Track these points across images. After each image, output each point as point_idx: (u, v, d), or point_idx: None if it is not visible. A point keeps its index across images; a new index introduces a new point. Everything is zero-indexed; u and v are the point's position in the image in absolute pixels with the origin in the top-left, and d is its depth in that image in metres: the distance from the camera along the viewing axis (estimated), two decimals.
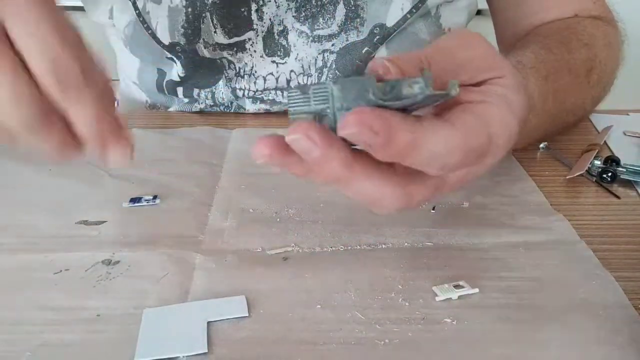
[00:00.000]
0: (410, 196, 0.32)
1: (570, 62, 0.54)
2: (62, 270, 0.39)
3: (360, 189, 0.31)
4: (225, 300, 0.36)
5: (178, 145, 0.56)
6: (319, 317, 0.35)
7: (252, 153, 0.30)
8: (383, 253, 0.40)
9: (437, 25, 0.67)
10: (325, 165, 0.30)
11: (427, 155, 0.29)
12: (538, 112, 0.47)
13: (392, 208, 0.32)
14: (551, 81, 0.49)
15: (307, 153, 0.29)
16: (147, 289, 0.37)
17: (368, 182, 0.31)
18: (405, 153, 0.29)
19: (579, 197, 0.49)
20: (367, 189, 0.31)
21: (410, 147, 0.29)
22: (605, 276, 0.38)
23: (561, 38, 0.57)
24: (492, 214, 0.45)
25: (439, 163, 0.30)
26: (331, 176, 0.30)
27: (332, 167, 0.30)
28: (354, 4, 0.61)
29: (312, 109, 0.30)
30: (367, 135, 0.28)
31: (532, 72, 0.48)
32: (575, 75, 0.54)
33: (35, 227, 0.43)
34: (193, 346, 0.32)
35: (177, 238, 0.42)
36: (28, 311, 0.35)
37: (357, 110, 0.28)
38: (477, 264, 0.39)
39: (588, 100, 0.58)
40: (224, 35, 0.62)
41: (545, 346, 0.33)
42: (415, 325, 0.34)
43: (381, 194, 0.31)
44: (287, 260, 0.40)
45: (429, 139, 0.29)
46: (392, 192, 0.32)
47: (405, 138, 0.28)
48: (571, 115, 0.56)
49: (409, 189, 0.32)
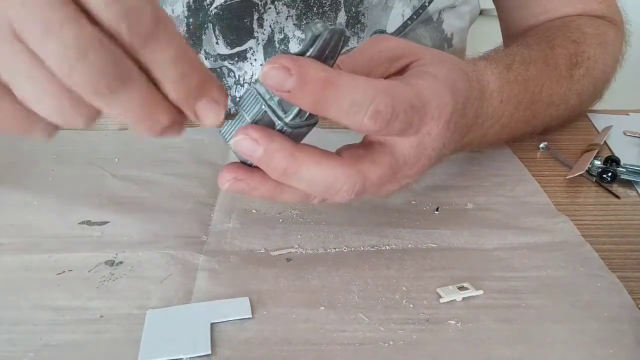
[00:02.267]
0: (363, 174, 0.33)
1: (549, 56, 0.54)
2: (65, 270, 0.39)
3: (312, 177, 0.32)
4: (229, 302, 0.36)
5: (181, 146, 0.56)
6: (323, 318, 0.35)
7: (218, 181, 0.33)
8: (387, 254, 0.40)
9: (440, 30, 0.67)
10: (270, 160, 0.32)
11: (346, 100, 0.30)
12: (500, 95, 0.46)
13: (350, 191, 0.33)
14: (517, 70, 0.49)
15: (251, 153, 0.32)
16: (150, 290, 0.37)
17: (317, 168, 0.32)
18: (323, 96, 0.30)
19: (579, 197, 0.49)
20: (318, 175, 0.32)
21: (325, 86, 0.30)
22: (610, 278, 0.38)
23: (546, 35, 0.57)
24: (496, 215, 0.45)
25: (362, 109, 0.31)
26: (280, 169, 0.32)
27: (278, 160, 0.32)
28: (355, 10, 0.61)
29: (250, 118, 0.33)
30: (282, 74, 0.29)
31: (488, 60, 0.48)
32: (553, 67, 0.54)
33: (38, 227, 0.43)
34: (196, 347, 0.32)
35: (180, 239, 0.42)
36: (31, 312, 0.35)
37: (274, 57, 0.30)
38: (481, 265, 0.39)
39: (572, 94, 0.57)
40: (226, 46, 0.62)
41: (550, 347, 0.33)
42: (419, 326, 0.34)
43: (333, 176, 0.32)
44: (291, 262, 0.40)
45: (345, 81, 0.30)
46: (343, 173, 0.33)
47: (317, 74, 0.30)
48: (553, 108, 0.55)
49: (360, 167, 0.33)
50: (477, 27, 0.79)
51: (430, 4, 0.63)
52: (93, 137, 0.58)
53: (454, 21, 0.68)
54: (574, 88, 0.57)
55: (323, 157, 0.33)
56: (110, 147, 0.56)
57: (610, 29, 0.63)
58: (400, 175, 0.36)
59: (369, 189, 0.34)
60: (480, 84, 0.43)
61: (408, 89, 0.34)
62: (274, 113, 0.32)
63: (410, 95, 0.33)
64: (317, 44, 0.31)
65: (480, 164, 0.53)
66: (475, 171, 0.52)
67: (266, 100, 0.32)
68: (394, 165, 0.35)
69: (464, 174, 0.52)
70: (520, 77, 0.49)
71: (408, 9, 0.61)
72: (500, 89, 0.46)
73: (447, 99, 0.36)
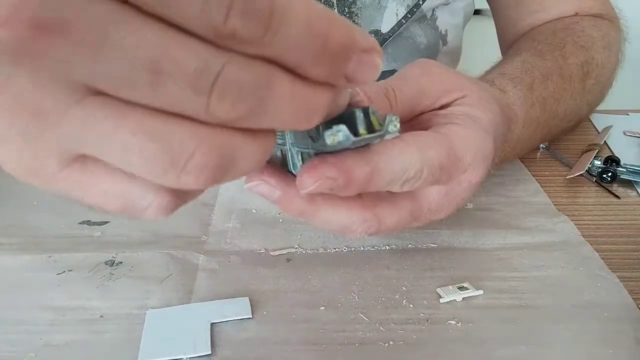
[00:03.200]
0: (379, 218, 0.32)
1: (563, 68, 0.54)
2: (66, 270, 0.39)
3: (327, 219, 0.32)
4: (229, 302, 0.36)
5: None
6: (323, 318, 0.35)
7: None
8: (387, 254, 0.40)
9: (434, 27, 0.67)
10: (288, 203, 0.30)
11: (387, 178, 0.30)
12: (523, 122, 0.46)
13: (363, 232, 0.32)
14: (538, 89, 0.49)
15: (268, 196, 0.30)
16: (150, 290, 0.37)
17: (333, 211, 0.31)
18: (367, 185, 0.29)
19: (579, 197, 0.49)
20: (334, 217, 0.31)
21: (370, 177, 0.29)
22: (610, 278, 0.38)
23: (556, 42, 0.57)
24: (496, 215, 0.45)
25: (399, 179, 0.30)
26: (297, 211, 0.31)
27: (296, 204, 0.30)
28: (348, 10, 0.61)
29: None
30: (327, 184, 0.28)
31: (514, 83, 0.48)
32: (569, 81, 0.54)
33: (38, 227, 0.43)
34: (196, 347, 0.32)
35: (180, 239, 0.42)
36: (31, 311, 0.35)
37: (309, 165, 0.28)
38: (481, 265, 0.39)
39: (584, 105, 0.57)
40: None
41: (550, 347, 0.33)
42: (419, 326, 0.34)
43: (349, 220, 0.32)
44: (291, 261, 0.40)
45: (385, 163, 0.29)
46: (359, 217, 0.32)
47: (363, 172, 0.28)
48: (565, 122, 0.56)
49: (377, 211, 0.32)
50: (473, 27, 0.79)
51: (424, 2, 0.63)
52: None
53: (447, 18, 0.68)
54: (585, 99, 0.57)
55: (340, 200, 0.31)
56: None
57: (611, 29, 0.63)
58: (422, 219, 0.35)
59: (384, 231, 0.34)
60: (509, 115, 0.42)
61: (439, 144, 0.32)
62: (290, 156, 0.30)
63: (443, 154, 0.32)
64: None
65: None
66: None
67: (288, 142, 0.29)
68: (415, 212, 0.34)
69: None
70: (540, 96, 0.49)
71: (402, 8, 0.61)
72: (524, 114, 0.46)
73: (486, 146, 0.35)
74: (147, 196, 0.21)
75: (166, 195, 0.22)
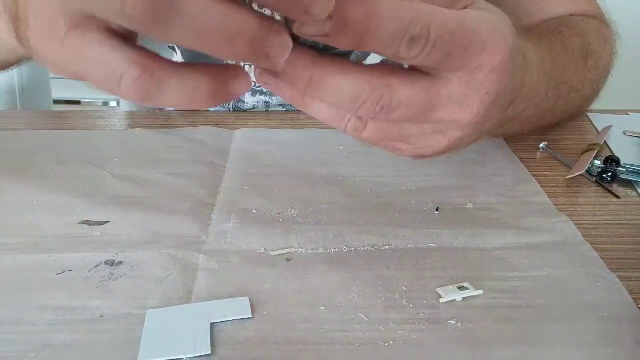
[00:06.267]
0: (390, 88, 0.30)
1: (565, 44, 0.53)
2: (65, 270, 0.39)
3: (338, 86, 0.29)
4: (229, 302, 0.36)
5: (180, 146, 0.56)
6: (323, 318, 0.35)
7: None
8: (387, 254, 0.40)
9: None
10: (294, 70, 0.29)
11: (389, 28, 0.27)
12: (538, 72, 0.44)
13: (374, 102, 0.30)
14: (544, 48, 0.48)
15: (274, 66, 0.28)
16: (150, 290, 0.37)
17: (343, 76, 0.29)
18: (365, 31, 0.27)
19: (579, 197, 0.49)
20: (345, 83, 0.29)
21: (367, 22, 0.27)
22: (610, 277, 0.38)
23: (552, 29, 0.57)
24: (496, 215, 0.45)
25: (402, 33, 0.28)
26: (305, 80, 0.29)
27: (301, 68, 0.29)
28: None
29: None
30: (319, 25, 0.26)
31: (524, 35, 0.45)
32: (571, 52, 0.53)
33: (38, 227, 0.43)
34: (196, 347, 0.32)
35: (180, 239, 0.42)
36: (31, 312, 0.35)
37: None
38: (481, 265, 0.39)
39: (587, 82, 0.56)
40: None
41: (550, 347, 0.33)
42: (419, 326, 0.34)
43: (358, 87, 0.30)
44: (291, 262, 0.40)
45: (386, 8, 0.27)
46: (369, 83, 0.30)
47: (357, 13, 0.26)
48: (573, 93, 0.54)
49: (389, 80, 0.30)
50: None
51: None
52: (93, 137, 0.58)
53: None
54: (589, 77, 0.56)
55: (350, 66, 0.29)
56: (110, 147, 0.56)
57: (605, 28, 0.63)
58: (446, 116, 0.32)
59: (398, 109, 0.31)
60: (523, 49, 0.40)
61: (450, 15, 0.30)
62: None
63: (451, 20, 0.29)
64: None
65: (480, 164, 0.53)
66: (475, 171, 0.52)
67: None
68: (431, 90, 0.31)
69: (464, 174, 0.52)
70: (548, 55, 0.48)
71: None
72: (538, 61, 0.43)
73: (506, 32, 0.31)
74: (122, 65, 0.26)
75: (137, 68, 0.26)
